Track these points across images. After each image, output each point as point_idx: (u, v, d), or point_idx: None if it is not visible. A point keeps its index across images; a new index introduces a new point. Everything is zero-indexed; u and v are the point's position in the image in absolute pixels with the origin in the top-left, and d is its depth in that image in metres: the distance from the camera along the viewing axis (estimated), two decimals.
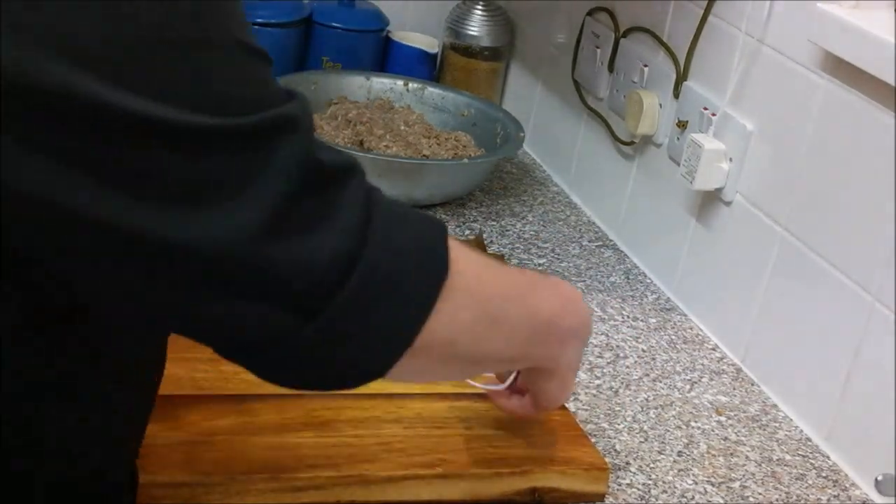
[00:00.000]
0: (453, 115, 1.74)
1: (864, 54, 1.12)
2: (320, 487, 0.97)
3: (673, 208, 1.46)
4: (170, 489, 0.93)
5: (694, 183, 1.35)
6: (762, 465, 1.16)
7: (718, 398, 1.26)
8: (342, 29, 1.82)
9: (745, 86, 1.32)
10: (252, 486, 0.95)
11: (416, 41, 1.89)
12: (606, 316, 1.38)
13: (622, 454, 1.13)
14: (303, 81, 1.71)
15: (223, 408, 1.03)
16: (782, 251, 1.27)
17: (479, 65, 1.87)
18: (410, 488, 1.00)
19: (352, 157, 0.72)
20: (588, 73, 1.66)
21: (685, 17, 1.43)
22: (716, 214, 1.38)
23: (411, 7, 1.95)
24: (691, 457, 1.15)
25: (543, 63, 1.81)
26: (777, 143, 1.28)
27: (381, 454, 1.01)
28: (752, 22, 1.31)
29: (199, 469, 0.95)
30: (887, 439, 1.11)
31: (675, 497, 1.09)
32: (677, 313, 1.42)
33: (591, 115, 1.66)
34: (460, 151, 1.63)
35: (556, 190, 1.72)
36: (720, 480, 1.12)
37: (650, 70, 1.51)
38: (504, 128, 1.67)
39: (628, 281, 1.48)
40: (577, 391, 1.21)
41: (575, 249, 1.54)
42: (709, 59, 1.40)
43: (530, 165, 1.79)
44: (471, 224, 1.56)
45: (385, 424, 1.05)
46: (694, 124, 1.40)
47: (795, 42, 1.24)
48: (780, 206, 1.27)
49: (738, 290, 1.33)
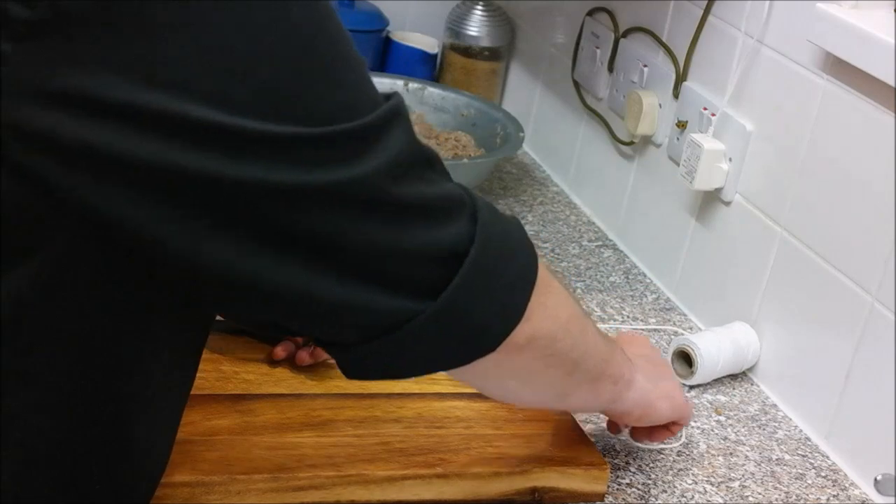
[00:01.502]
0: (453, 116, 1.74)
1: (863, 55, 1.12)
2: (320, 487, 0.97)
3: (672, 208, 1.46)
4: (170, 489, 0.93)
5: (693, 183, 1.35)
6: (761, 464, 1.16)
7: (718, 398, 1.26)
8: None
9: (744, 86, 1.32)
10: (252, 486, 0.95)
11: (415, 41, 1.89)
12: (606, 316, 1.38)
13: (622, 454, 1.13)
14: None
15: (223, 408, 1.03)
16: (782, 251, 1.27)
17: (478, 65, 1.87)
18: (410, 488, 1.00)
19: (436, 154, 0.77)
20: (588, 74, 1.66)
21: (685, 17, 1.43)
22: (715, 214, 1.38)
23: (411, 7, 1.95)
24: (691, 456, 1.15)
25: (543, 63, 1.81)
26: (777, 143, 1.28)
27: (381, 454, 1.01)
28: (751, 22, 1.31)
29: (199, 469, 0.95)
30: (887, 439, 1.11)
31: (675, 497, 1.09)
32: (677, 313, 1.42)
33: (591, 115, 1.66)
34: (460, 151, 1.63)
35: (556, 190, 1.72)
36: (720, 480, 1.12)
37: (650, 70, 1.51)
38: (504, 128, 1.67)
39: (628, 281, 1.49)
40: None
41: (575, 249, 1.54)
42: (708, 60, 1.40)
43: (530, 165, 1.79)
44: None
45: (385, 424, 1.05)
46: (693, 124, 1.40)
47: (795, 42, 1.24)
48: (780, 206, 1.27)
49: (737, 290, 1.33)
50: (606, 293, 1.44)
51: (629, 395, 0.99)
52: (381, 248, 0.70)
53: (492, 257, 0.76)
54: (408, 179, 0.70)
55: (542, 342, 0.82)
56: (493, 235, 0.76)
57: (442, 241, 0.73)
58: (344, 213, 0.68)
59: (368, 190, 0.68)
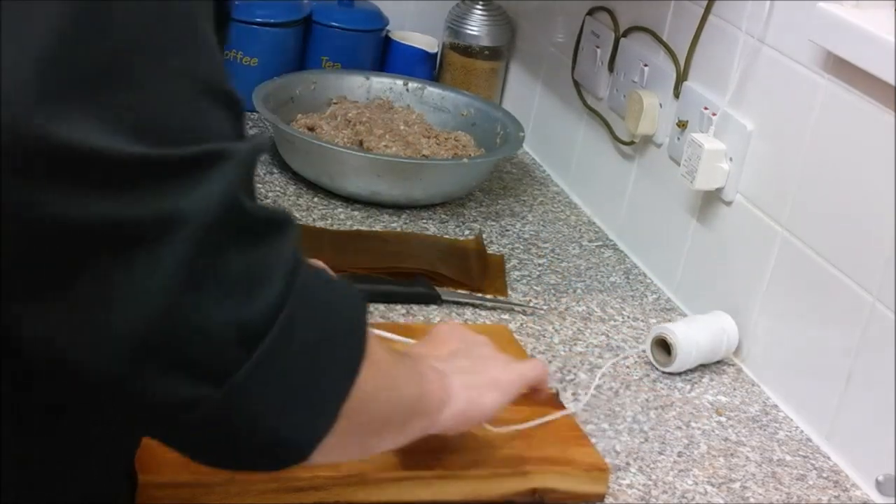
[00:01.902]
0: (453, 115, 1.74)
1: (864, 54, 1.12)
2: (320, 487, 0.97)
3: (673, 208, 1.45)
4: (170, 489, 0.93)
5: (694, 183, 1.35)
6: (762, 465, 1.16)
7: (719, 398, 1.26)
8: (342, 29, 1.82)
9: (745, 85, 1.32)
10: (252, 487, 0.95)
11: (415, 41, 1.88)
12: (606, 316, 1.38)
13: (622, 455, 1.13)
14: (302, 81, 1.71)
15: None
16: (783, 251, 1.27)
17: (478, 64, 1.87)
18: (410, 488, 0.99)
19: (286, 214, 0.69)
20: (588, 73, 1.66)
21: (685, 16, 1.43)
22: (716, 214, 1.38)
23: (411, 7, 1.94)
24: (691, 457, 1.15)
25: (543, 63, 1.81)
26: (777, 142, 1.28)
27: (380, 455, 1.00)
28: (752, 21, 1.30)
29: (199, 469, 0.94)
30: (888, 440, 1.11)
31: (676, 498, 1.09)
32: (677, 313, 1.42)
33: (591, 114, 1.66)
34: (460, 151, 1.63)
35: (556, 190, 1.72)
36: (720, 481, 1.12)
37: (650, 70, 1.51)
38: (504, 128, 1.67)
39: (628, 281, 1.48)
40: (577, 391, 1.21)
41: (575, 249, 1.54)
42: (709, 59, 1.40)
43: (530, 165, 1.79)
44: (470, 224, 1.56)
45: None
46: (694, 124, 1.39)
47: (796, 42, 1.24)
48: (781, 206, 1.27)
49: (738, 290, 1.33)
50: (607, 293, 1.44)
51: (445, 414, 0.92)
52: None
53: (298, 343, 0.68)
54: (211, 243, 0.63)
55: (352, 434, 0.75)
56: (305, 317, 0.68)
57: (231, 326, 0.64)
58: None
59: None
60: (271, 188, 1.55)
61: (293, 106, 1.67)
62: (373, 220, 1.52)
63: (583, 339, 1.32)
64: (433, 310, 1.33)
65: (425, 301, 1.33)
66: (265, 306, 0.66)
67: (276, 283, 0.66)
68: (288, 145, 1.58)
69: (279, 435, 0.69)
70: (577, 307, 1.39)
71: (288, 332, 0.66)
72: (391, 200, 1.54)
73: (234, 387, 0.65)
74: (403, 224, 1.52)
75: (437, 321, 1.30)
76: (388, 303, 1.31)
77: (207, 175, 0.63)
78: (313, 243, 1.39)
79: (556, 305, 1.38)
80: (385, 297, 1.32)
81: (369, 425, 0.79)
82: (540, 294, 1.40)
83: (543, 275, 1.45)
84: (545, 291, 1.41)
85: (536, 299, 1.39)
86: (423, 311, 1.32)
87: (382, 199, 1.54)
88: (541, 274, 1.46)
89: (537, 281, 1.44)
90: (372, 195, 1.54)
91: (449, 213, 1.58)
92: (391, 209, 1.55)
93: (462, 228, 1.54)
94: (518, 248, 1.52)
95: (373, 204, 1.55)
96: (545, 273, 1.46)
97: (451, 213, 1.58)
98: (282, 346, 0.66)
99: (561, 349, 1.29)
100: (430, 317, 1.31)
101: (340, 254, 1.39)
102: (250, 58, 1.76)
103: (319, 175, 1.55)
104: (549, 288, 1.42)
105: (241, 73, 1.76)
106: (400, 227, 1.52)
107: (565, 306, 1.39)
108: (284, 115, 1.61)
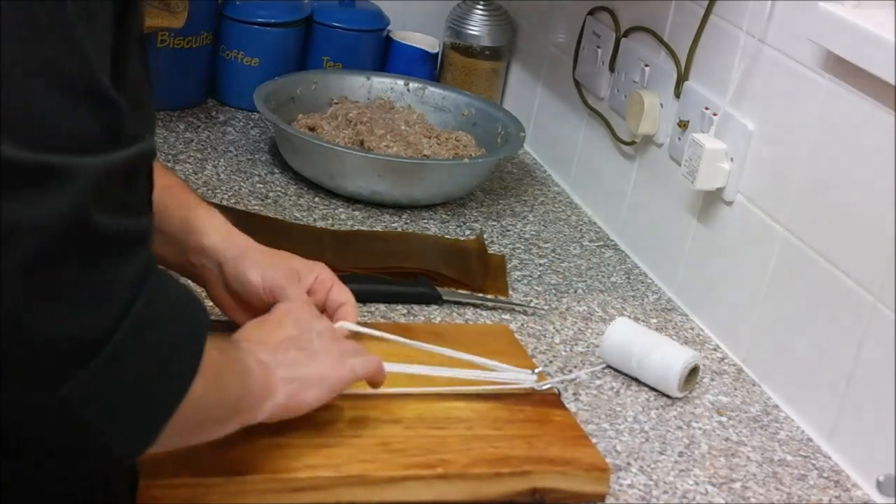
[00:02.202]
0: (454, 115, 1.74)
1: (865, 54, 1.12)
2: (320, 487, 0.97)
3: (674, 208, 1.45)
4: (170, 489, 0.93)
5: (695, 183, 1.35)
6: (763, 465, 1.16)
7: (719, 398, 1.26)
8: (343, 29, 1.82)
9: (746, 85, 1.32)
10: (252, 486, 0.95)
11: (416, 41, 1.88)
12: (607, 316, 1.38)
13: (623, 454, 1.13)
14: (303, 81, 1.71)
15: None
16: (783, 251, 1.27)
17: (479, 64, 1.87)
18: (410, 488, 0.99)
19: (143, 227, 0.70)
20: (589, 73, 1.66)
21: (686, 16, 1.43)
22: (717, 214, 1.38)
23: (412, 7, 1.95)
24: (692, 457, 1.15)
25: (544, 63, 1.81)
26: (778, 142, 1.28)
27: (381, 454, 1.00)
28: (753, 21, 1.30)
29: (199, 469, 0.95)
30: (888, 439, 1.11)
31: (676, 498, 1.09)
32: (678, 313, 1.42)
33: (592, 114, 1.66)
34: (461, 151, 1.63)
35: (557, 190, 1.72)
36: (721, 481, 1.12)
37: (651, 70, 1.51)
38: (505, 128, 1.67)
39: (629, 281, 1.48)
40: (577, 392, 1.21)
41: (576, 249, 1.54)
42: (710, 59, 1.39)
43: (531, 165, 1.79)
44: (471, 224, 1.56)
45: (385, 424, 1.04)
46: (695, 124, 1.39)
47: (797, 41, 1.24)
48: (782, 206, 1.27)
49: (739, 290, 1.33)
50: (608, 293, 1.44)
51: (265, 407, 0.93)
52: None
53: (134, 359, 0.69)
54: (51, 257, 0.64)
55: (174, 435, 0.77)
56: (143, 336, 0.70)
57: (69, 332, 0.66)
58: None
59: None
60: (272, 188, 1.55)
61: (294, 106, 1.67)
62: (374, 220, 1.52)
63: (584, 339, 1.32)
64: (434, 310, 1.33)
65: (426, 301, 1.33)
66: (102, 322, 0.67)
67: (116, 300, 0.68)
68: (289, 145, 1.58)
69: (107, 444, 0.72)
70: (577, 307, 1.39)
71: (124, 348, 0.68)
72: (392, 200, 1.54)
73: (65, 398, 0.67)
74: (404, 224, 1.52)
75: (438, 321, 1.30)
76: (388, 303, 1.32)
77: (55, 188, 0.64)
78: (314, 243, 1.39)
79: (556, 305, 1.38)
80: (386, 297, 1.32)
81: (192, 425, 0.83)
82: (541, 294, 1.40)
83: (544, 275, 1.45)
84: (546, 291, 1.41)
85: (537, 299, 1.39)
86: (424, 311, 1.32)
87: (383, 199, 1.54)
88: (542, 274, 1.46)
89: (538, 281, 1.44)
90: (373, 195, 1.54)
91: (450, 213, 1.58)
92: (392, 209, 1.55)
93: (463, 228, 1.54)
94: (519, 248, 1.52)
95: (374, 204, 1.55)
96: (546, 273, 1.46)
97: (452, 213, 1.58)
98: (116, 361, 0.68)
99: (562, 349, 1.29)
100: (430, 317, 1.31)
101: (341, 254, 1.39)
102: (251, 58, 1.76)
103: (320, 175, 1.55)
104: (550, 288, 1.42)
105: (242, 73, 1.77)
106: (401, 227, 1.52)
107: (566, 306, 1.39)
108: (285, 115, 1.62)
